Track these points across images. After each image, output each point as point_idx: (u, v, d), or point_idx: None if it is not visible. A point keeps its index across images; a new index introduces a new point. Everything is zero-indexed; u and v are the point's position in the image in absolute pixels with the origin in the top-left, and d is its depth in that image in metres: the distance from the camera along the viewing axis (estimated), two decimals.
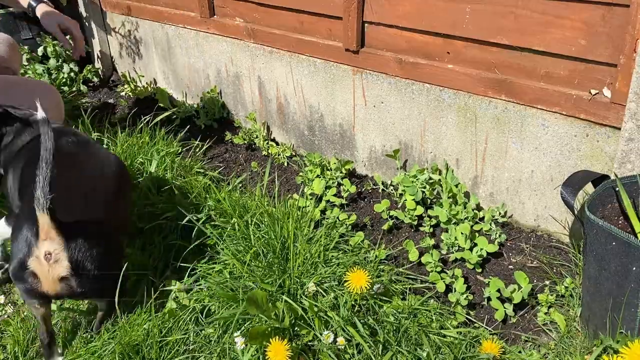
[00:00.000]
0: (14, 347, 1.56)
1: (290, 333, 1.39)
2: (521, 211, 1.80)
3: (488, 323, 1.52)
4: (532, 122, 1.64)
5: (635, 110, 1.37)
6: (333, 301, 1.45)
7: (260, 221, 1.72)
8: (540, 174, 1.69)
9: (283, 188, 2.15)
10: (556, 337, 1.44)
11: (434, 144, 1.92)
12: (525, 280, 1.54)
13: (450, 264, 1.70)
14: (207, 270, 1.61)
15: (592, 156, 1.56)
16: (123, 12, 2.97)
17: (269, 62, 2.33)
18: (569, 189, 1.37)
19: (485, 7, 1.62)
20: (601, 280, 1.25)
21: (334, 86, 2.12)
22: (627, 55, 1.39)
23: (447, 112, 1.83)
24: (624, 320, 1.22)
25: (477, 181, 1.87)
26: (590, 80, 1.52)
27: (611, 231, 1.18)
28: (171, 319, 1.50)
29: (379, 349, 1.34)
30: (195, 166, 2.23)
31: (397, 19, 1.84)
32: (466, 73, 1.73)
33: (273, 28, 2.28)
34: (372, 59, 1.95)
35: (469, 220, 1.75)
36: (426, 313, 1.48)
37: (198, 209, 1.86)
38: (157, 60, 2.95)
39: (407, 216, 1.82)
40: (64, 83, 3.01)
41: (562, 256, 1.66)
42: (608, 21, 1.42)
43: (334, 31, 2.06)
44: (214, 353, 1.41)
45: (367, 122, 2.08)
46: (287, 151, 2.36)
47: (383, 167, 2.13)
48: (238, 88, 2.55)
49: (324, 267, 1.56)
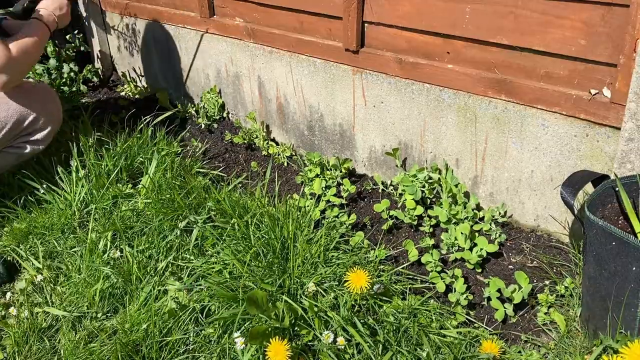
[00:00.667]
0: (14, 347, 1.56)
1: (290, 333, 1.39)
2: (521, 211, 1.80)
3: (488, 323, 1.52)
4: (532, 122, 1.64)
5: (635, 110, 1.37)
6: (333, 301, 1.45)
7: (260, 221, 1.72)
8: (540, 173, 1.69)
9: (283, 188, 2.15)
10: (556, 337, 1.44)
11: (433, 143, 1.92)
12: (526, 280, 1.54)
13: (450, 264, 1.70)
14: (207, 270, 1.61)
15: (592, 156, 1.56)
16: (123, 12, 2.97)
17: (269, 62, 2.33)
18: (568, 188, 1.37)
19: (485, 7, 1.62)
20: (601, 280, 1.25)
21: (333, 86, 2.12)
22: (627, 55, 1.39)
23: (447, 112, 1.83)
24: (624, 320, 1.22)
25: (477, 181, 1.87)
26: (590, 80, 1.52)
27: (611, 231, 1.18)
28: (171, 319, 1.50)
29: (379, 349, 1.34)
30: (195, 166, 2.23)
31: (397, 19, 1.84)
32: (466, 73, 1.73)
33: (273, 28, 2.28)
34: (372, 59, 1.95)
35: (468, 220, 1.75)
36: (426, 313, 1.48)
37: (198, 209, 1.86)
38: (157, 60, 2.95)
39: (407, 216, 1.82)
40: (64, 83, 3.01)
41: (562, 256, 1.66)
42: (608, 21, 1.42)
43: (334, 31, 2.06)
44: (214, 353, 1.41)
45: (367, 122, 2.08)
46: (287, 151, 2.36)
47: (383, 167, 2.13)
48: (238, 88, 2.55)
49: (324, 267, 1.56)
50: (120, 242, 1.81)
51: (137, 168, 2.20)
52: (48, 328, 1.63)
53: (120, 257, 1.75)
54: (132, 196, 2.04)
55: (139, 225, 1.85)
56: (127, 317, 1.53)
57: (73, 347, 1.51)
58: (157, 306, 1.54)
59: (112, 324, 1.54)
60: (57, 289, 1.73)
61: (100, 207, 1.99)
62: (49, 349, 1.56)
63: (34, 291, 1.75)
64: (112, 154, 2.17)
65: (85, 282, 1.69)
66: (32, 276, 1.79)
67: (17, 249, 1.90)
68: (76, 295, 1.68)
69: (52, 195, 2.06)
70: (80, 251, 1.82)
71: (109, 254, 1.76)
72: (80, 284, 1.69)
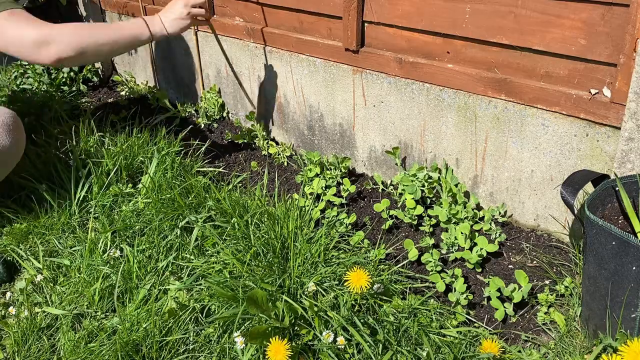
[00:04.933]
0: (13, 347, 1.56)
1: (290, 333, 1.39)
2: (521, 211, 1.80)
3: (488, 323, 1.53)
4: (532, 121, 1.64)
5: (635, 109, 1.37)
6: (333, 301, 1.45)
7: (260, 221, 1.72)
8: (540, 173, 1.70)
9: (283, 187, 2.15)
10: (556, 336, 1.44)
11: (433, 143, 1.92)
12: (525, 279, 1.54)
13: (450, 264, 1.70)
14: (207, 270, 1.61)
15: (592, 156, 1.56)
16: (122, 12, 2.97)
17: (269, 62, 2.33)
18: (568, 188, 1.37)
19: (485, 7, 1.62)
20: (601, 279, 1.25)
21: (333, 86, 2.12)
22: (627, 54, 1.39)
23: (447, 112, 1.83)
24: (624, 319, 1.23)
25: (476, 181, 1.87)
26: (590, 79, 1.52)
27: (611, 231, 1.18)
28: (171, 319, 1.50)
29: (379, 349, 1.34)
30: (195, 165, 2.23)
31: (397, 19, 1.84)
32: (466, 72, 1.73)
33: (273, 28, 2.28)
34: (372, 59, 1.95)
35: (468, 219, 1.75)
36: (426, 313, 1.48)
37: (198, 208, 1.86)
38: (157, 59, 2.95)
39: (407, 215, 1.82)
40: (64, 83, 3.01)
41: (562, 256, 1.66)
42: (608, 21, 1.42)
43: (334, 31, 2.06)
44: (214, 353, 1.41)
45: (367, 121, 2.08)
46: (287, 151, 2.36)
47: (383, 166, 2.13)
48: (238, 88, 2.55)
49: (324, 266, 1.56)
50: (120, 241, 1.81)
51: (137, 167, 2.20)
52: (48, 327, 1.63)
53: (120, 257, 1.75)
54: (132, 196, 2.04)
55: (139, 225, 1.85)
56: (127, 316, 1.53)
57: (73, 347, 1.51)
58: (157, 306, 1.54)
59: (112, 324, 1.54)
60: (56, 288, 1.73)
61: (100, 206, 1.99)
62: (48, 349, 1.56)
63: (33, 291, 1.75)
64: (112, 153, 2.17)
65: (85, 282, 1.69)
66: (32, 276, 1.79)
67: (16, 249, 1.90)
68: (76, 294, 1.68)
69: (52, 195, 2.06)
70: (80, 251, 1.82)
71: (109, 253, 1.76)
72: (80, 283, 1.69)
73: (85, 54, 1.88)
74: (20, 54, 1.86)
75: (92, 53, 1.90)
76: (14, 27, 1.82)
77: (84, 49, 1.87)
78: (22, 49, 1.84)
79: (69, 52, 1.84)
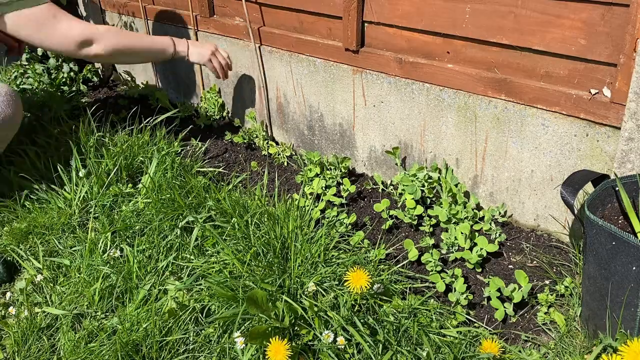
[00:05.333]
0: (13, 347, 1.56)
1: (290, 333, 1.39)
2: (521, 211, 1.80)
3: (488, 323, 1.53)
4: (532, 121, 1.64)
5: (635, 109, 1.37)
6: (333, 301, 1.45)
7: (260, 220, 1.72)
8: (540, 173, 1.70)
9: (283, 187, 2.15)
10: (556, 336, 1.44)
11: (433, 143, 1.92)
12: (525, 279, 1.54)
13: (450, 264, 1.70)
14: (207, 270, 1.61)
15: (592, 156, 1.56)
16: (122, 12, 2.97)
17: (269, 62, 2.33)
18: (568, 188, 1.37)
19: (485, 7, 1.62)
20: (601, 279, 1.25)
21: (333, 86, 2.12)
22: (627, 54, 1.39)
23: (447, 112, 1.83)
24: (624, 319, 1.23)
25: (477, 181, 1.87)
26: (590, 79, 1.52)
27: (611, 231, 1.18)
28: (171, 319, 1.50)
29: (379, 349, 1.34)
30: (195, 165, 2.23)
31: (397, 19, 1.84)
32: (466, 73, 1.73)
33: (273, 28, 2.28)
34: (372, 59, 1.95)
35: (468, 219, 1.75)
36: (426, 313, 1.48)
37: (198, 208, 1.86)
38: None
39: (407, 215, 1.82)
40: (64, 82, 3.01)
41: (562, 256, 1.66)
42: (608, 20, 1.42)
43: (334, 31, 2.06)
44: (214, 353, 1.41)
45: (367, 121, 2.08)
46: (287, 151, 2.36)
47: (383, 166, 2.13)
48: (238, 88, 2.55)
49: (324, 266, 1.56)
50: (120, 241, 1.81)
51: (137, 167, 2.20)
52: (47, 328, 1.63)
53: (120, 257, 1.75)
54: (132, 196, 2.04)
55: (139, 225, 1.85)
56: (126, 316, 1.53)
57: (73, 347, 1.51)
58: (157, 306, 1.54)
59: (112, 324, 1.54)
60: (56, 288, 1.73)
61: (100, 206, 1.99)
62: (48, 349, 1.56)
63: (33, 291, 1.75)
64: (112, 153, 2.17)
65: (85, 282, 1.69)
66: (32, 276, 1.79)
67: (16, 249, 1.90)
68: (76, 294, 1.68)
69: (52, 195, 2.06)
70: (80, 251, 1.82)
71: (108, 253, 1.76)
72: (80, 283, 1.69)
73: (118, 56, 2.12)
74: (61, 46, 2.00)
75: (125, 55, 2.13)
76: (64, 20, 1.97)
77: (120, 51, 2.09)
78: (64, 41, 1.98)
79: (108, 52, 2.05)
